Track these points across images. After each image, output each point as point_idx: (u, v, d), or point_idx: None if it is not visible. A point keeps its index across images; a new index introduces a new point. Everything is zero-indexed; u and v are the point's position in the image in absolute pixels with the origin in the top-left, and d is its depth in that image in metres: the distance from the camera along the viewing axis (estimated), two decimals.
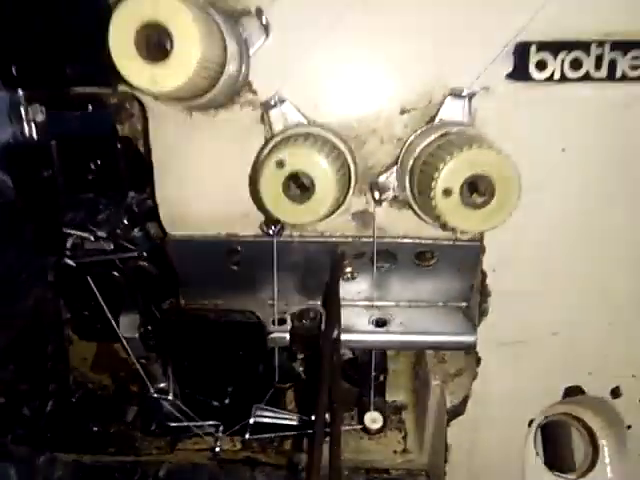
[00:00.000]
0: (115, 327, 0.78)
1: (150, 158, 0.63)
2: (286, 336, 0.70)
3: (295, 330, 0.70)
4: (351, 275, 0.70)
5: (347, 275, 0.69)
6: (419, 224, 0.64)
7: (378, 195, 0.62)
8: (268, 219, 0.64)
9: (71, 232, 0.73)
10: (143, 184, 0.69)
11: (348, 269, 0.69)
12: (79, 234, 0.73)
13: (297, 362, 0.84)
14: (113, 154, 0.66)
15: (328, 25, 0.56)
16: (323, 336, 0.61)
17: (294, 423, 0.83)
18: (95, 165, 0.65)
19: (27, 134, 0.66)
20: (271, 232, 0.65)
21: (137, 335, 0.79)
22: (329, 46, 0.57)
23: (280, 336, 0.70)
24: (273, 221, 0.63)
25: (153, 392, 0.85)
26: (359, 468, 0.85)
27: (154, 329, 0.80)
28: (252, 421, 0.81)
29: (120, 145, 0.66)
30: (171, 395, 0.85)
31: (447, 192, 0.50)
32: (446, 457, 0.74)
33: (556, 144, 0.60)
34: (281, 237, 0.66)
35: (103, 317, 0.77)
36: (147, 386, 0.85)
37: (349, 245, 0.67)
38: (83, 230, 0.73)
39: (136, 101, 0.64)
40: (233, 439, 0.87)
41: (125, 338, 0.79)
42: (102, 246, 0.74)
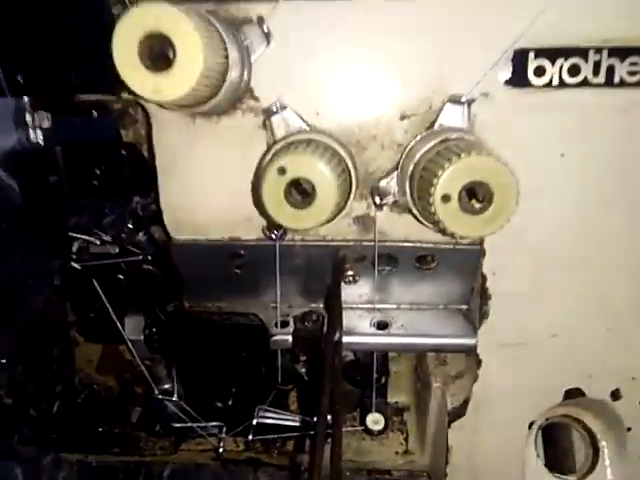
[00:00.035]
0: (120, 329, 0.79)
1: (154, 163, 0.64)
2: (289, 338, 0.70)
3: (297, 332, 0.70)
4: (353, 278, 0.70)
5: (349, 278, 0.69)
6: (420, 228, 0.64)
7: (379, 200, 0.63)
8: (270, 223, 0.64)
9: (77, 236, 0.74)
10: (147, 189, 0.69)
11: (349, 272, 0.69)
12: (85, 238, 0.74)
13: (299, 364, 0.84)
14: (117, 159, 0.66)
15: (328, 33, 0.56)
16: (325, 339, 0.62)
17: (296, 424, 0.84)
18: (100, 170, 0.66)
19: (33, 140, 0.67)
20: (273, 236, 0.65)
21: (142, 337, 0.80)
22: (329, 53, 0.58)
23: (283, 338, 0.70)
24: (275, 225, 0.64)
25: (157, 393, 0.86)
26: (361, 469, 0.85)
27: (158, 331, 0.80)
28: (255, 422, 0.82)
29: (124, 151, 0.67)
30: (175, 396, 0.86)
31: (446, 198, 0.50)
32: (447, 458, 0.74)
33: (555, 149, 0.60)
34: (283, 241, 0.66)
35: (108, 319, 0.78)
36: (151, 387, 0.86)
37: (350, 249, 0.67)
38: (88, 234, 0.74)
39: (140, 107, 0.64)
40: (236, 440, 0.87)
41: (130, 340, 0.80)
42: (107, 250, 0.75)
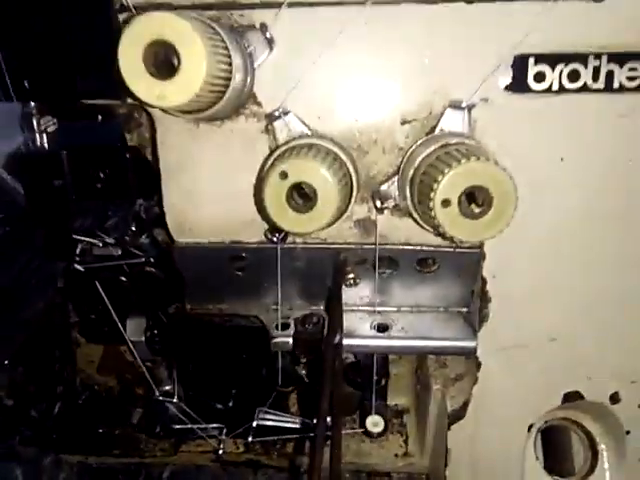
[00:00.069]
0: (122, 330, 0.79)
1: (158, 167, 0.64)
2: (289, 341, 0.70)
3: (298, 335, 0.70)
4: (353, 281, 0.70)
5: (349, 281, 0.70)
6: (420, 231, 0.64)
7: (380, 203, 0.63)
8: (272, 227, 0.65)
9: (80, 238, 0.74)
10: (151, 192, 0.70)
11: (350, 275, 0.69)
12: (88, 240, 0.74)
13: (300, 366, 0.84)
14: (122, 163, 0.66)
15: (330, 39, 0.57)
16: (325, 341, 0.62)
17: (296, 426, 0.84)
18: (104, 173, 0.66)
19: (38, 144, 0.67)
20: (275, 239, 0.66)
21: (143, 338, 0.80)
22: (331, 59, 0.58)
23: (283, 340, 0.70)
24: (277, 228, 0.64)
25: (158, 395, 0.87)
26: (360, 471, 0.86)
27: (160, 333, 0.81)
28: (255, 424, 0.82)
29: (129, 154, 0.67)
30: (176, 398, 0.86)
31: (446, 202, 0.50)
32: (447, 461, 0.75)
33: (555, 154, 0.61)
34: (285, 244, 0.66)
35: (110, 321, 0.78)
36: (152, 389, 0.86)
37: (351, 252, 0.67)
38: (92, 236, 0.74)
39: (144, 112, 0.65)
40: (236, 441, 0.87)
41: (131, 341, 0.80)
42: (110, 252, 0.75)
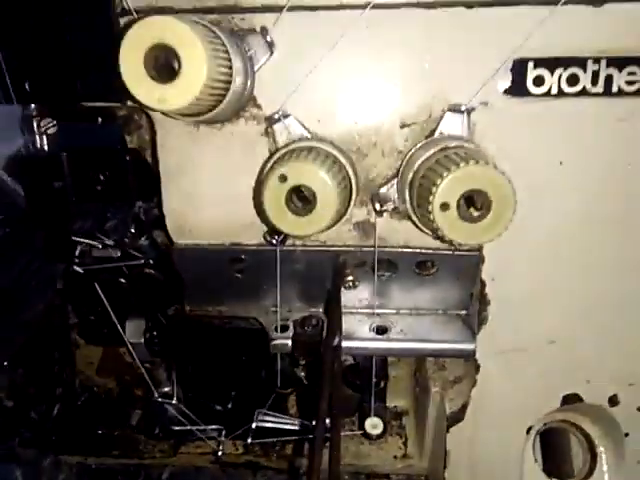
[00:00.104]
0: (121, 332, 0.79)
1: (157, 169, 0.64)
2: (288, 343, 0.70)
3: (297, 337, 0.70)
4: (352, 283, 0.70)
5: (348, 283, 0.70)
6: (419, 234, 0.64)
7: (379, 206, 0.63)
8: (271, 229, 0.65)
9: (80, 240, 0.74)
10: (150, 194, 0.70)
11: (349, 277, 0.69)
12: (88, 242, 0.74)
13: (299, 368, 0.84)
14: (122, 165, 0.67)
15: (330, 43, 0.57)
16: (324, 343, 0.62)
17: (295, 428, 0.84)
18: (104, 175, 0.66)
19: (39, 146, 0.68)
20: (274, 241, 0.66)
21: (142, 340, 0.80)
22: (331, 63, 0.58)
23: (283, 343, 0.70)
24: (276, 231, 0.64)
25: (157, 396, 0.87)
26: (359, 473, 0.86)
27: (159, 334, 0.81)
28: (254, 425, 0.82)
29: (128, 156, 0.67)
30: (175, 399, 0.86)
31: (444, 206, 0.51)
32: (445, 462, 0.75)
33: (554, 157, 0.61)
34: (284, 246, 0.66)
35: (109, 322, 0.78)
36: (151, 390, 0.86)
37: (351, 254, 0.67)
38: (91, 238, 0.74)
39: (144, 114, 0.65)
40: (235, 443, 0.88)
41: (131, 343, 0.80)
42: (110, 254, 0.75)
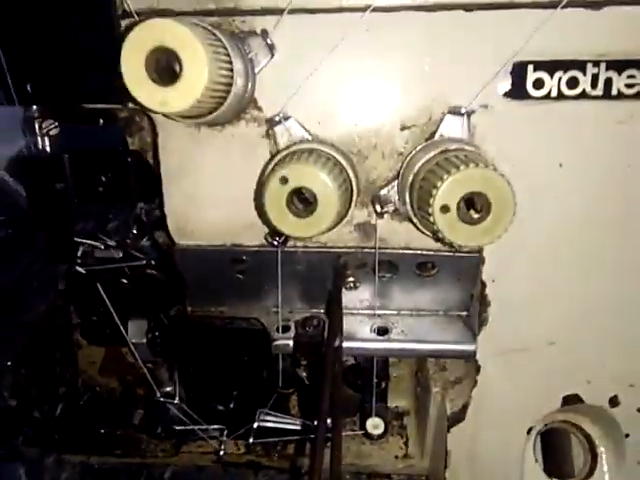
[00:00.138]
0: (123, 332, 0.80)
1: (159, 170, 0.65)
2: (290, 343, 0.70)
3: (299, 337, 0.71)
4: (353, 284, 0.70)
5: (349, 284, 0.70)
6: (420, 235, 0.64)
7: (380, 208, 0.63)
8: (272, 230, 0.65)
9: (82, 241, 0.74)
10: (152, 195, 0.70)
11: (350, 278, 0.69)
12: (89, 243, 0.74)
13: (300, 368, 0.85)
14: (123, 166, 0.67)
15: (330, 45, 0.57)
16: (326, 344, 0.62)
17: (297, 428, 0.84)
18: (106, 177, 0.67)
19: (40, 147, 0.68)
20: (275, 243, 0.66)
21: (144, 340, 0.80)
22: (332, 65, 0.58)
23: (284, 343, 0.70)
24: (277, 232, 0.64)
25: (159, 396, 0.87)
26: (361, 473, 0.86)
27: (161, 335, 0.81)
28: (256, 425, 0.82)
29: (130, 158, 0.67)
30: (177, 399, 0.87)
31: (444, 208, 0.51)
32: (446, 463, 0.75)
33: (554, 160, 0.61)
34: (285, 247, 0.67)
35: (112, 323, 0.79)
36: (154, 390, 0.86)
37: (351, 255, 0.68)
38: (93, 239, 0.74)
39: (146, 116, 0.65)
40: (237, 443, 0.88)
41: (133, 343, 0.81)
42: (112, 254, 0.75)
